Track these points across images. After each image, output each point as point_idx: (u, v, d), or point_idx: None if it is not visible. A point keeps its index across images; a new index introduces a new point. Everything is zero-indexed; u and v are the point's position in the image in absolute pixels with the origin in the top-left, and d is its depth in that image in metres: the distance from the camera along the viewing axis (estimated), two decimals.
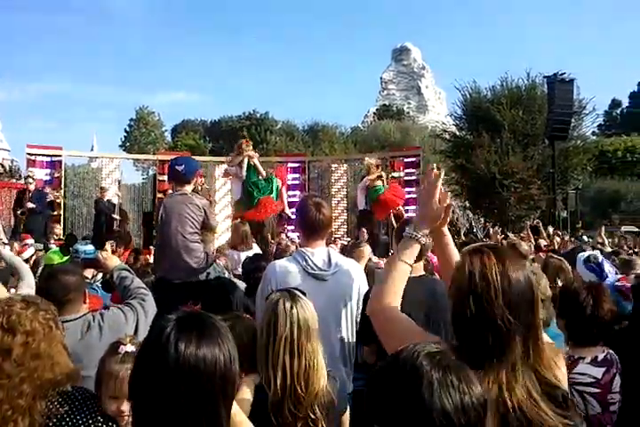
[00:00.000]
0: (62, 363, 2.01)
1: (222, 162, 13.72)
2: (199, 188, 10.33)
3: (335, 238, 11.69)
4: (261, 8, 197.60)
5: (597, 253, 4.57)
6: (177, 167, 4.79)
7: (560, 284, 3.75)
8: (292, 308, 2.24)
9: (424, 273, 3.36)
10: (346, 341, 3.12)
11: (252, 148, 10.84)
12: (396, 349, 1.48)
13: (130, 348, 2.23)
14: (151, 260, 7.18)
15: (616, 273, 4.04)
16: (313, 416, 2.17)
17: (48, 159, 13.91)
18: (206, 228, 4.79)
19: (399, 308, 1.90)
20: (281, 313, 2.23)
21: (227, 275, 4.91)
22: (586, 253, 4.25)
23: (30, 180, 12.72)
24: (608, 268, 3.99)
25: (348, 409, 2.59)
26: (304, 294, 2.39)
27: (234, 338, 1.44)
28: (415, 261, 3.18)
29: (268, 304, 2.31)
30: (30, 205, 12.09)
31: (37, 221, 12.13)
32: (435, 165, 2.11)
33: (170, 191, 5.01)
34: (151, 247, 8.35)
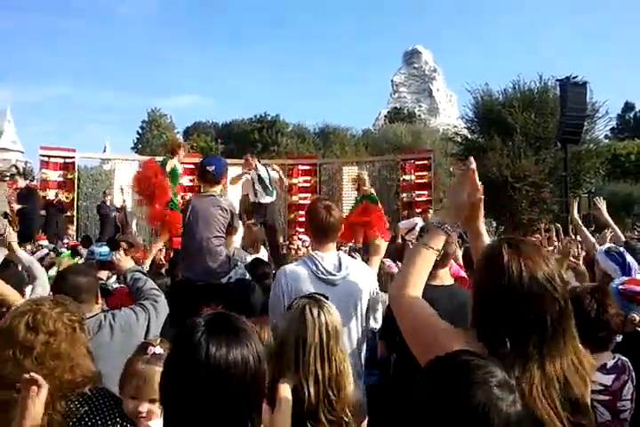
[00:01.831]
0: (83, 365, 2.03)
1: (234, 164, 13.76)
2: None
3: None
4: (274, 10, 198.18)
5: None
6: (208, 168, 4.81)
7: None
8: (319, 314, 2.23)
9: (452, 283, 3.34)
10: (355, 346, 3.11)
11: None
12: (414, 339, 1.51)
13: (158, 350, 2.24)
14: (163, 261, 7.23)
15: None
16: (346, 419, 2.17)
17: (61, 161, 14.03)
18: (230, 230, 4.80)
19: (421, 296, 1.83)
20: (309, 320, 2.21)
21: (248, 277, 4.91)
22: (605, 246, 4.19)
23: (18, 176, 12.50)
24: (629, 258, 3.90)
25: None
26: (326, 297, 2.38)
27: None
28: (440, 266, 3.17)
29: (293, 312, 2.28)
30: (16, 206, 11.62)
31: (33, 223, 11.57)
32: (471, 158, 2.05)
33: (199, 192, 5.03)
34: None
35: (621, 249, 4.00)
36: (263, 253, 6.91)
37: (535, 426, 1.44)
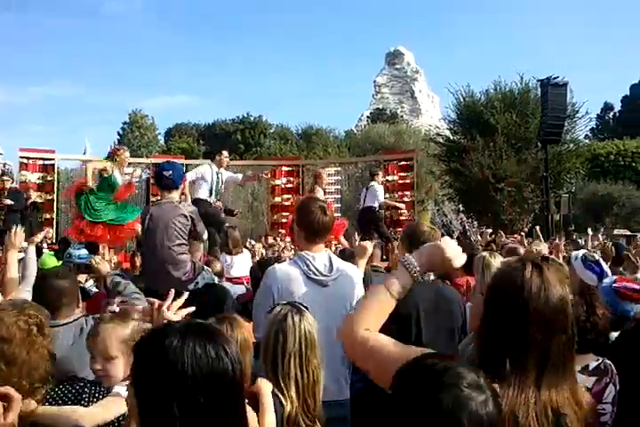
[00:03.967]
0: (42, 369, 1.99)
1: None
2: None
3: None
4: (255, 11, 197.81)
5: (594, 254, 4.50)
6: (165, 173, 4.63)
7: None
8: (300, 321, 2.26)
9: (433, 278, 3.33)
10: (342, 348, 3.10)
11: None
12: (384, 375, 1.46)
13: (115, 308, 2.37)
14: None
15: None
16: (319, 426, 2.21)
17: (41, 163, 13.85)
18: (194, 236, 4.70)
19: (380, 334, 1.70)
20: (290, 327, 2.23)
21: (217, 280, 4.84)
22: (580, 253, 4.16)
23: (6, 177, 12.47)
24: (605, 267, 3.91)
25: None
26: (306, 308, 2.39)
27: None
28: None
29: (274, 318, 2.31)
30: (8, 201, 11.70)
31: (16, 221, 11.66)
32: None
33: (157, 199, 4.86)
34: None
35: (596, 257, 4.02)
36: (247, 254, 6.90)
37: None
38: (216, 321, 2.45)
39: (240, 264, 6.33)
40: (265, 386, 2.12)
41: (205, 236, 5.19)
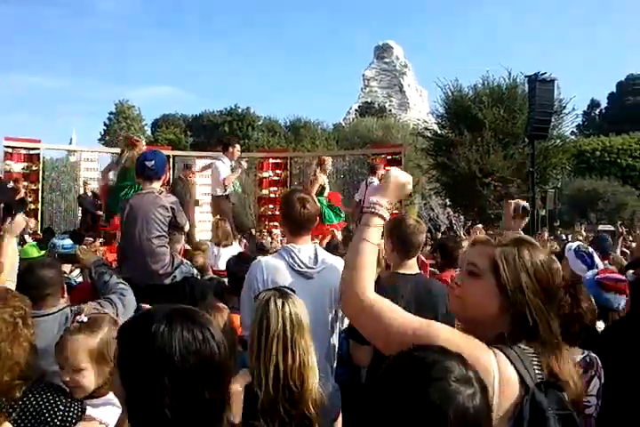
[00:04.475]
0: (24, 364, 1.95)
1: (203, 157, 13.62)
2: (191, 183, 10.03)
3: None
4: (244, 4, 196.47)
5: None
6: (147, 163, 4.50)
7: None
8: (283, 305, 2.22)
9: (419, 271, 3.34)
10: (331, 339, 3.09)
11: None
12: (387, 345, 1.46)
13: (83, 318, 2.30)
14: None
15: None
16: (308, 414, 2.15)
17: (26, 152, 13.69)
18: (175, 227, 4.63)
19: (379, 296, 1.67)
20: (272, 310, 2.20)
21: (196, 274, 4.75)
22: (574, 244, 4.20)
23: None
24: (597, 259, 3.95)
25: None
26: (293, 291, 2.36)
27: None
28: (410, 256, 3.18)
29: (258, 303, 2.28)
30: None
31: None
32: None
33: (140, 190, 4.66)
34: None
35: (590, 249, 4.04)
36: (237, 247, 6.86)
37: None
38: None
39: (227, 257, 6.29)
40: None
41: (187, 228, 5.08)
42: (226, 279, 5.13)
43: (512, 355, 1.48)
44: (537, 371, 1.49)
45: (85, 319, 2.29)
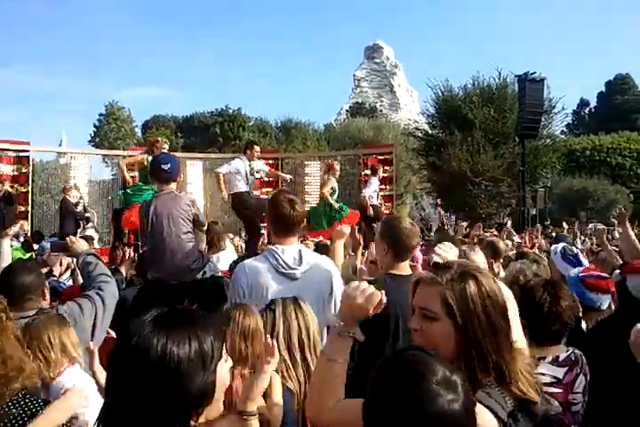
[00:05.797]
0: (15, 356, 1.94)
1: (193, 158, 13.60)
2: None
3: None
4: (234, 5, 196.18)
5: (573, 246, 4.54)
6: (163, 166, 4.62)
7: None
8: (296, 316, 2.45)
9: (411, 273, 3.33)
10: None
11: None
12: None
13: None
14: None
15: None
16: None
17: (14, 154, 13.61)
18: (197, 224, 4.68)
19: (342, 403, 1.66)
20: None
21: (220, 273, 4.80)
22: (559, 246, 4.20)
23: None
24: (583, 260, 3.95)
25: None
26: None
27: None
28: (402, 259, 3.19)
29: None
30: None
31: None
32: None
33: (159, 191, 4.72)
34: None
35: (576, 251, 4.05)
36: (230, 250, 6.83)
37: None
38: (231, 307, 2.62)
39: (225, 258, 6.25)
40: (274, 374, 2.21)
41: (205, 226, 5.14)
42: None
43: (482, 396, 1.50)
44: (507, 399, 1.53)
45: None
